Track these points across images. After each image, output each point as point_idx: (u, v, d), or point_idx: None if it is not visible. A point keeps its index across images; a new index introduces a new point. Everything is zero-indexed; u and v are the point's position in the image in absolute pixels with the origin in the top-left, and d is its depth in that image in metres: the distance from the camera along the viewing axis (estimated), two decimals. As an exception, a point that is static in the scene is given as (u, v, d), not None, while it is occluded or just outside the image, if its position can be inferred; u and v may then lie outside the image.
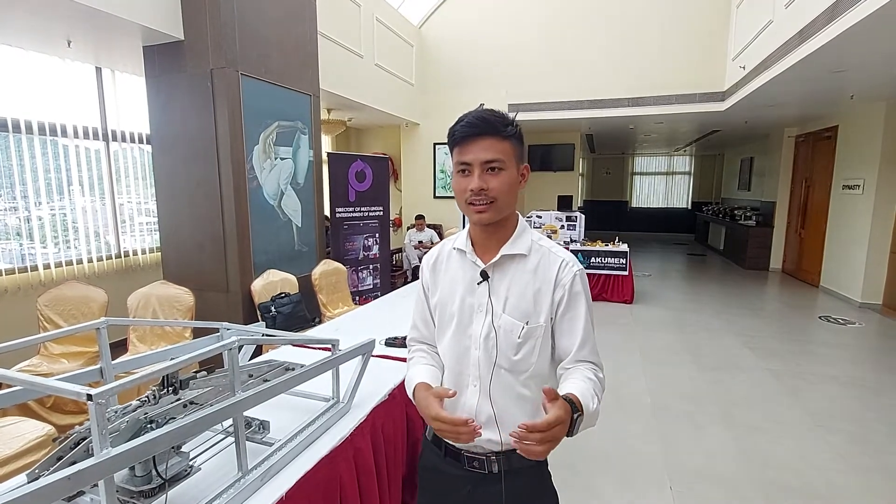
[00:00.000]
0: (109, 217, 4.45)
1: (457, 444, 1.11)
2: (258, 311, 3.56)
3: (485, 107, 1.09)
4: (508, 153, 1.04)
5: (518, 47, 7.59)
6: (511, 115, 1.08)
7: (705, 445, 2.79)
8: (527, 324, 1.06)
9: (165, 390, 1.17)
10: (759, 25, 5.17)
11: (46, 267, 3.90)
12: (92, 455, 1.06)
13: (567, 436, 0.91)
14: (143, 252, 4.73)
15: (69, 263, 4.06)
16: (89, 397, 0.85)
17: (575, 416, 0.92)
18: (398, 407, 1.94)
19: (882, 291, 5.79)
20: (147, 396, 1.13)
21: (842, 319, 5.42)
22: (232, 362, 1.18)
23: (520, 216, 1.16)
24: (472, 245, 1.13)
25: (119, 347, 4.12)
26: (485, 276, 1.09)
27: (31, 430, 2.06)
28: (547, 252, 1.10)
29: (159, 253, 4.85)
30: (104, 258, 4.35)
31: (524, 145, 1.10)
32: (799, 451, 2.72)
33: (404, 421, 1.99)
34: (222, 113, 3.44)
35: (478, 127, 1.02)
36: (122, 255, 4.51)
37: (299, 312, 3.74)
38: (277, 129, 3.94)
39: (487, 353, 1.08)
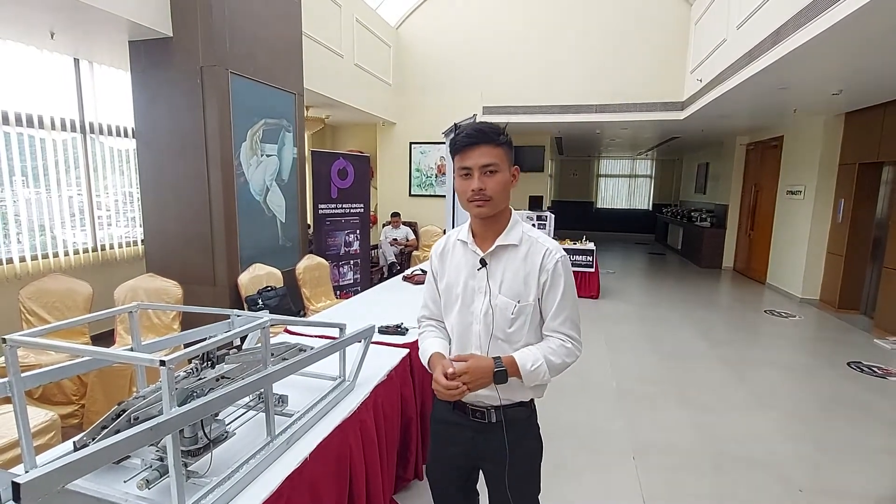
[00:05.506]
0: (86, 210, 4.39)
1: (462, 399, 1.32)
2: (245, 304, 3.64)
3: (477, 118, 1.31)
4: (501, 158, 1.25)
5: (493, 52, 7.83)
6: (501, 125, 1.31)
7: (663, 422, 3.11)
8: (518, 302, 1.27)
9: (205, 364, 1.32)
10: (715, 43, 5.60)
11: (22, 260, 3.83)
12: (133, 424, 1.22)
13: (496, 383, 1.22)
14: (121, 245, 4.68)
15: (45, 256, 3.99)
16: (162, 363, 1.00)
17: (496, 369, 1.21)
18: (394, 388, 2.13)
19: (819, 288, 6.38)
20: (192, 369, 1.28)
21: (784, 313, 5.96)
22: (265, 338, 1.34)
23: (513, 211, 1.36)
24: (473, 236, 1.34)
25: (102, 340, 4.10)
26: (483, 263, 1.30)
27: (33, 417, 2.12)
28: (535, 242, 1.31)
29: (137, 246, 4.82)
30: (80, 251, 4.29)
31: (513, 150, 1.32)
32: (744, 426, 3.08)
33: (399, 401, 2.19)
34: (212, 110, 3.51)
35: (475, 137, 1.24)
36: (99, 249, 4.46)
37: (285, 305, 3.85)
38: (264, 126, 4.02)
39: (486, 327, 1.29)
